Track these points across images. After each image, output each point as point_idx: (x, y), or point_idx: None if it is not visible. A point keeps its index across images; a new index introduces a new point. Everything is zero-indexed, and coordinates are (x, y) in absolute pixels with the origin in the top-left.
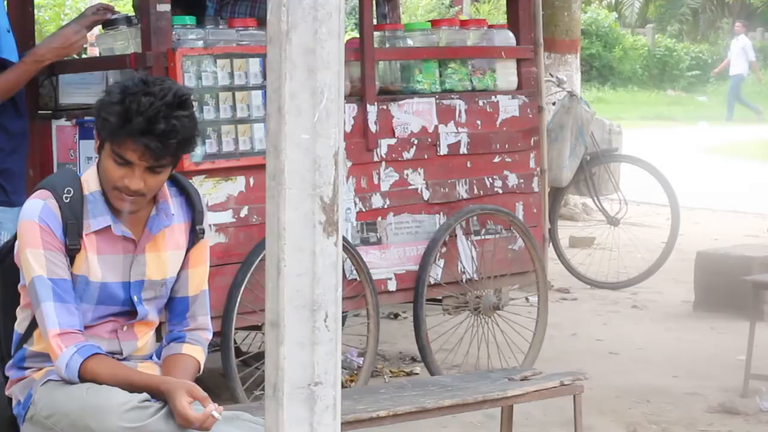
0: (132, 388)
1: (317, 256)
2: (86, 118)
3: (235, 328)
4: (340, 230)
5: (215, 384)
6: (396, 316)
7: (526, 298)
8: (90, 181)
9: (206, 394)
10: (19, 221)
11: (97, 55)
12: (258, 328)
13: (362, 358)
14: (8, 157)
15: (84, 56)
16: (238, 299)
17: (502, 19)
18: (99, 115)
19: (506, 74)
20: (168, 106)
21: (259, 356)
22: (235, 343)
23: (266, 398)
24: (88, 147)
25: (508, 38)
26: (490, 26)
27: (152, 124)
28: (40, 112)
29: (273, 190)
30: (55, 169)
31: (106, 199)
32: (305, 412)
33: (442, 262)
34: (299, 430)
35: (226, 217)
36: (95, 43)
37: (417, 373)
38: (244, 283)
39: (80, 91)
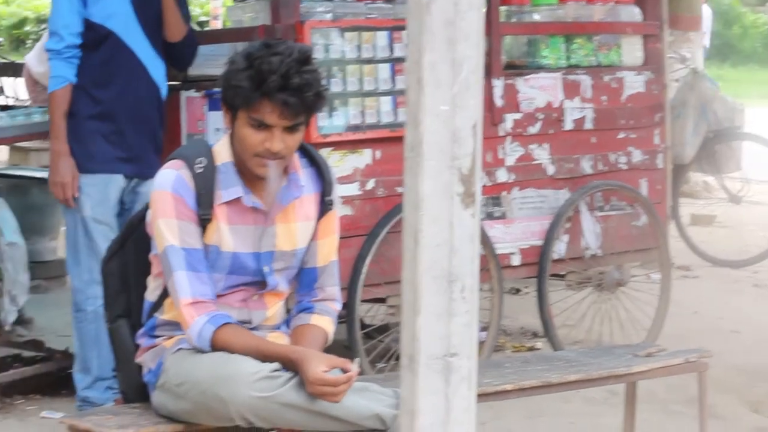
0: (263, 357)
1: (455, 227)
2: (215, 89)
3: (360, 301)
4: (478, 202)
5: (339, 356)
6: (517, 291)
7: (648, 275)
8: (221, 152)
9: (344, 359)
10: (152, 191)
11: (219, 27)
12: (382, 300)
13: (485, 333)
14: (85, 122)
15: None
16: (364, 271)
17: None
18: (229, 85)
19: (632, 50)
20: (297, 61)
21: (383, 329)
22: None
23: (402, 368)
24: (217, 118)
25: (634, 14)
26: (617, 2)
27: (287, 79)
28: (168, 83)
29: (411, 161)
30: (183, 141)
31: (237, 170)
32: (441, 383)
33: (565, 238)
34: (435, 400)
35: (352, 189)
36: (218, 16)
37: (539, 349)
38: (370, 255)
39: (209, 62)
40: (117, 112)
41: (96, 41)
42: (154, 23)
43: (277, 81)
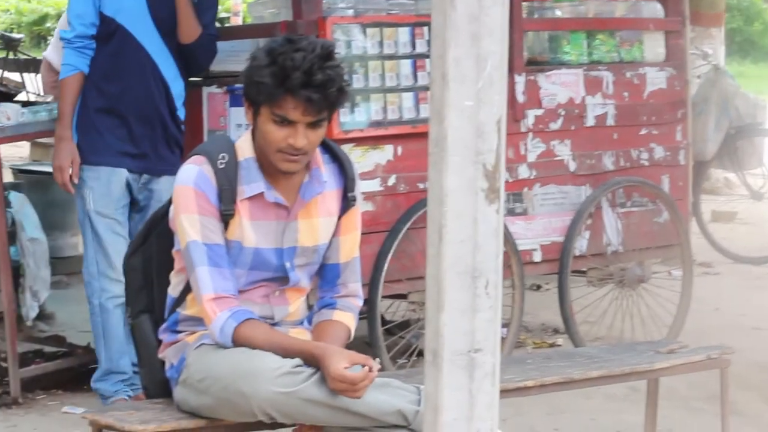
0: (285, 353)
1: (479, 223)
2: (236, 85)
3: (381, 297)
4: (502, 198)
5: (360, 352)
6: (538, 287)
7: (669, 272)
8: (244, 147)
9: (366, 356)
10: (174, 187)
11: (240, 23)
12: (403, 296)
13: (506, 329)
14: (93, 114)
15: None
16: (385, 267)
17: None
18: (251, 81)
19: (654, 46)
20: (320, 57)
21: (404, 325)
22: None
23: (426, 364)
24: (239, 114)
25: (656, 10)
26: None
27: (310, 76)
28: (191, 79)
29: (436, 156)
30: (205, 137)
31: (259, 165)
32: (465, 379)
33: (587, 234)
34: (459, 396)
35: (373, 185)
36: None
37: (560, 345)
38: (391, 251)
39: (231, 58)
40: (123, 106)
41: (107, 34)
42: (170, 21)
43: (300, 77)
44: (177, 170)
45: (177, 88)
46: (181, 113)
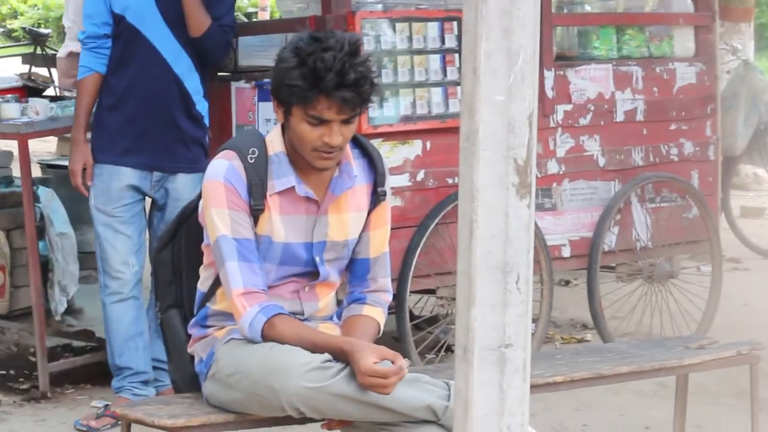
0: (314, 348)
1: (510, 217)
2: (265, 80)
3: (410, 292)
4: (533, 192)
5: (388, 347)
6: (567, 282)
7: (698, 268)
8: (274, 142)
9: (396, 353)
10: (204, 181)
11: (267, 18)
12: (432, 291)
13: (535, 324)
14: (103, 112)
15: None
16: (414, 262)
17: None
18: (282, 83)
19: (684, 41)
20: (350, 55)
21: (432, 320)
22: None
23: (456, 359)
24: (267, 109)
25: (685, 5)
26: None
27: (343, 76)
28: (219, 74)
29: (467, 151)
30: (234, 132)
31: (290, 160)
32: (495, 374)
33: (616, 229)
34: (489, 391)
35: (402, 180)
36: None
37: (588, 341)
38: (420, 246)
39: (259, 53)
40: (131, 103)
41: (117, 32)
42: (180, 14)
43: (333, 79)
44: (194, 167)
45: (192, 82)
46: (202, 108)
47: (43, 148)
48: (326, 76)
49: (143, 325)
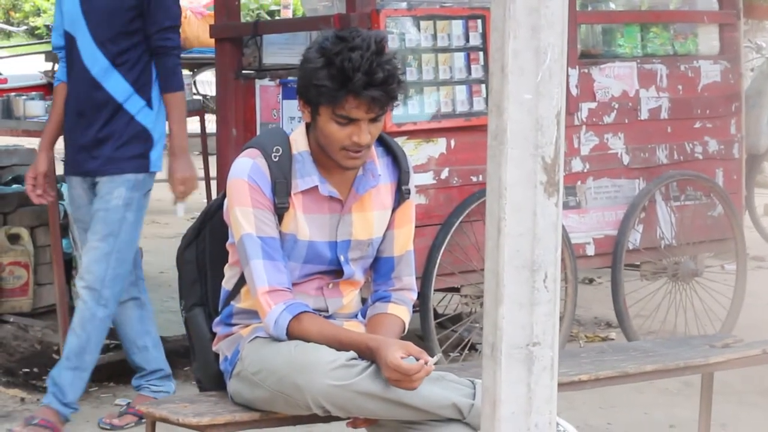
0: (340, 346)
1: (538, 216)
2: (290, 78)
3: (434, 290)
4: (561, 191)
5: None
6: (591, 281)
7: (722, 266)
8: (298, 140)
9: (421, 350)
10: (228, 180)
11: (290, 16)
12: (456, 290)
13: (559, 323)
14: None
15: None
16: (438, 261)
17: None
18: (309, 84)
19: (708, 39)
20: (376, 54)
21: (456, 318)
22: None
23: (484, 358)
24: (292, 107)
25: (710, 3)
26: None
27: (371, 75)
28: (243, 71)
29: (495, 149)
30: (258, 129)
31: (314, 159)
32: (523, 372)
33: (640, 228)
34: (517, 389)
35: (426, 178)
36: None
37: (612, 339)
38: (444, 244)
39: (284, 51)
40: (67, 111)
41: (66, 41)
42: (99, 16)
43: (362, 79)
44: (122, 168)
45: (112, 83)
46: (132, 106)
47: None
48: (354, 75)
49: (150, 323)
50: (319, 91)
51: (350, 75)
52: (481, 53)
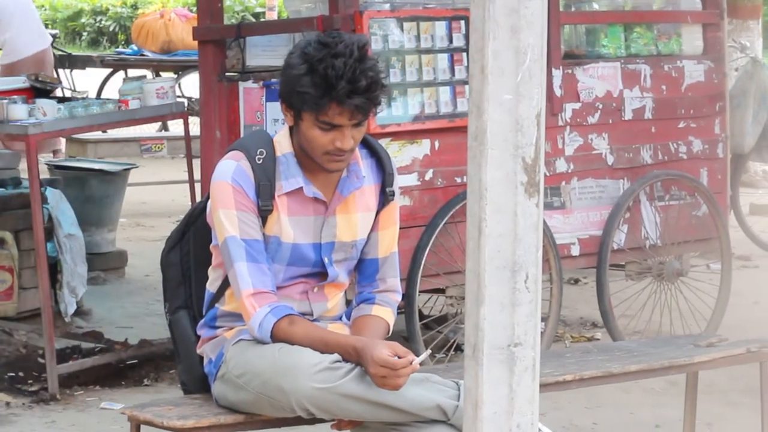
0: (326, 348)
1: (518, 216)
2: (273, 80)
3: (419, 291)
4: (541, 191)
5: None
6: (576, 281)
7: (708, 265)
8: (282, 142)
9: (408, 350)
10: (212, 182)
11: (275, 18)
12: (441, 291)
13: (544, 323)
14: None
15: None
16: (423, 262)
17: None
18: (292, 90)
19: (692, 39)
20: (359, 61)
21: (441, 320)
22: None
23: (465, 358)
24: (275, 109)
25: (693, 3)
26: None
27: (355, 83)
28: (227, 74)
29: (475, 150)
30: (242, 131)
31: (298, 161)
32: (505, 373)
33: (625, 228)
34: (499, 390)
35: (410, 180)
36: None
37: (598, 339)
38: (429, 245)
39: (267, 53)
40: None
41: None
42: None
43: (345, 87)
44: None
45: None
46: None
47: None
48: (338, 84)
49: None
50: (302, 98)
51: (333, 83)
52: (464, 54)
